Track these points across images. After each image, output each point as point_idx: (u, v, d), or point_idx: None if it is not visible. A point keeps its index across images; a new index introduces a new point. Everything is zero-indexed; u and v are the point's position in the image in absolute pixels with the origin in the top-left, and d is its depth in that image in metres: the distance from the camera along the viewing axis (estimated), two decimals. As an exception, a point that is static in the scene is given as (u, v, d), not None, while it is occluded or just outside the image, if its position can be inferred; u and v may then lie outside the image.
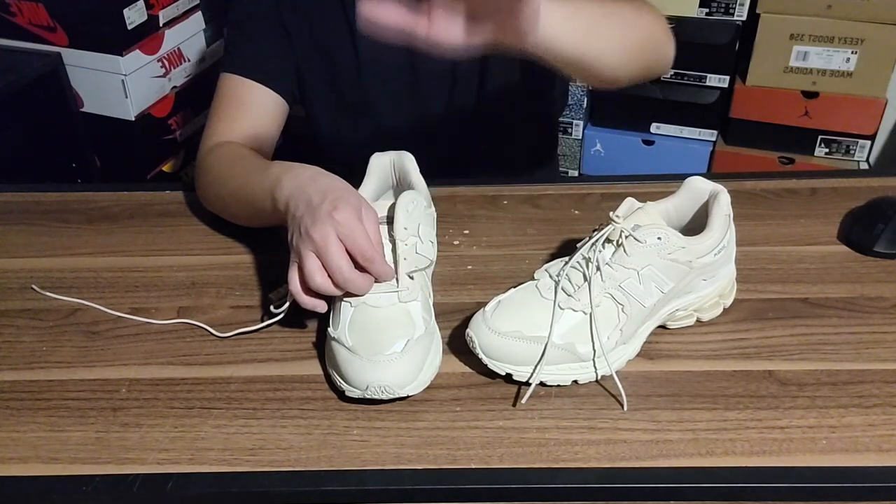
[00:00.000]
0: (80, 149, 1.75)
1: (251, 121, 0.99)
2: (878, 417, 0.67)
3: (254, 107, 0.99)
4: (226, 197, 0.91)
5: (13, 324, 0.81)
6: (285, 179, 0.77)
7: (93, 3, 1.62)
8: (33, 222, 0.98)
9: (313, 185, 0.74)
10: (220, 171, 0.91)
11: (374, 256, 0.69)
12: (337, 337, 0.70)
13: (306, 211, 0.71)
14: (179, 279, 0.86)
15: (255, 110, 0.99)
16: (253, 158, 0.92)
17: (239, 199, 0.88)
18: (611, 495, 0.63)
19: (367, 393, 0.67)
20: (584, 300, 0.70)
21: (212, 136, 0.97)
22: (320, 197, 0.71)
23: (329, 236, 0.68)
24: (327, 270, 0.69)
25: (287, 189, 0.76)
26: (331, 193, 0.71)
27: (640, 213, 0.71)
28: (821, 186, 0.98)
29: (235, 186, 0.88)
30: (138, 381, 0.73)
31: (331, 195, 0.71)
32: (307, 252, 0.69)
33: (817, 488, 0.62)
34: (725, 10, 1.88)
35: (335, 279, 0.69)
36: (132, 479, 0.64)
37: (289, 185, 0.76)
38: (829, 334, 0.75)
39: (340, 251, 0.68)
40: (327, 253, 0.68)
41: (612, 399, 0.70)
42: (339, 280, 0.69)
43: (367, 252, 0.69)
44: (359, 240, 0.69)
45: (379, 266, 0.70)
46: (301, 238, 0.70)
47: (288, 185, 0.76)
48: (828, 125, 1.94)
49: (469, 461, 0.64)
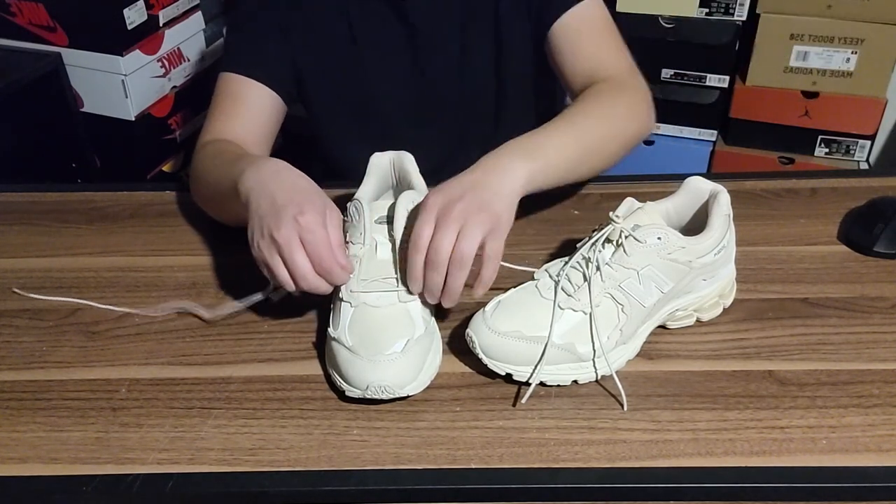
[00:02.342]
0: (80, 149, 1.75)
1: (247, 119, 0.99)
2: (878, 417, 0.67)
3: (250, 104, 0.99)
4: (205, 192, 0.91)
5: (13, 324, 0.81)
6: (248, 172, 0.76)
7: (93, 3, 1.62)
8: (33, 222, 0.98)
9: (276, 181, 0.74)
10: (204, 166, 0.91)
11: (332, 268, 0.70)
12: (337, 337, 0.70)
13: (270, 210, 0.71)
14: (179, 279, 0.86)
15: (252, 108, 0.99)
16: (232, 152, 0.91)
17: (214, 194, 0.88)
18: (611, 495, 0.63)
19: (367, 393, 0.67)
20: (583, 300, 0.70)
21: (206, 133, 0.97)
22: (285, 197, 0.71)
23: (293, 241, 0.69)
24: (290, 274, 0.70)
25: (248, 182, 0.75)
26: (296, 195, 0.71)
27: (639, 213, 0.71)
28: (821, 186, 0.98)
29: (212, 181, 0.88)
30: (138, 381, 0.73)
31: (296, 196, 0.71)
32: (272, 253, 0.70)
33: (817, 488, 0.62)
34: (725, 10, 1.87)
35: (298, 283, 0.70)
36: (132, 479, 0.64)
37: (251, 178, 0.76)
38: (829, 334, 0.75)
39: (304, 258, 0.69)
40: (292, 259, 0.69)
41: (612, 399, 0.70)
42: (302, 285, 0.70)
43: (325, 262, 0.69)
44: (320, 247, 0.69)
45: (336, 277, 0.71)
46: (264, 239, 0.71)
47: (250, 177, 0.76)
48: (828, 125, 1.93)
49: (469, 461, 0.64)
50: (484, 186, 0.72)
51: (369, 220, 0.75)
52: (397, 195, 0.76)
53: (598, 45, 0.99)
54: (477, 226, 0.69)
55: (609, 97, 0.92)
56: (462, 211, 0.69)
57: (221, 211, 0.90)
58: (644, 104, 0.95)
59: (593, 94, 0.92)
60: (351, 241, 0.75)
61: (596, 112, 0.89)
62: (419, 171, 0.82)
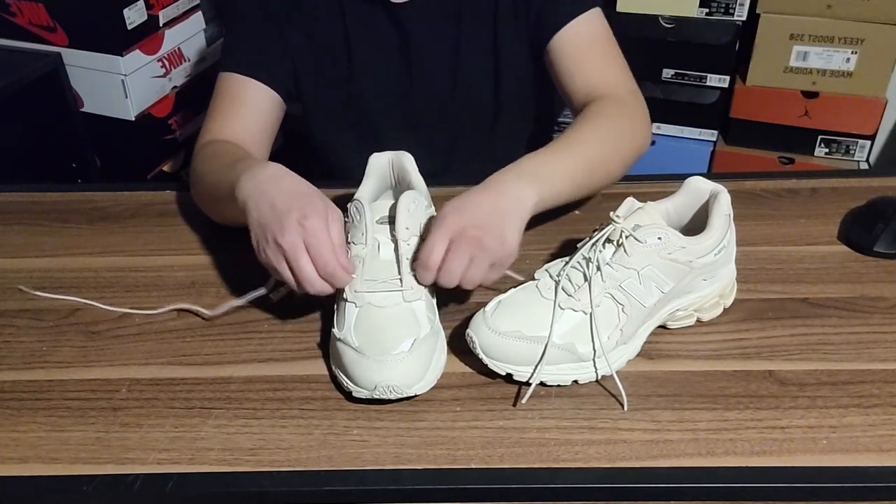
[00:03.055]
0: (80, 149, 1.75)
1: (247, 118, 0.99)
2: (879, 417, 0.67)
3: (249, 104, 0.99)
4: (203, 194, 0.91)
5: (13, 324, 0.81)
6: (244, 178, 0.76)
7: (93, 3, 1.61)
8: (33, 222, 0.98)
9: (275, 187, 0.74)
10: (203, 169, 0.91)
11: (335, 271, 0.70)
12: (342, 338, 0.70)
13: (271, 216, 0.71)
14: (179, 279, 0.86)
15: (251, 107, 0.99)
16: (230, 154, 0.91)
17: (211, 195, 0.88)
18: (611, 495, 0.63)
19: (374, 393, 0.67)
20: (584, 300, 0.70)
21: (205, 134, 0.97)
22: (286, 202, 0.71)
23: (297, 247, 0.69)
24: (296, 278, 0.71)
25: (245, 189, 0.75)
26: (297, 199, 0.72)
27: (640, 213, 0.71)
28: (821, 186, 0.98)
29: (210, 183, 0.88)
30: (138, 381, 0.73)
31: (297, 202, 0.71)
32: (279, 259, 0.71)
33: (817, 488, 0.62)
34: (725, 10, 1.87)
35: (305, 288, 0.71)
36: (132, 479, 0.64)
37: (247, 184, 0.76)
38: (829, 334, 0.75)
39: (309, 263, 0.70)
40: (297, 265, 0.70)
41: (613, 399, 0.70)
42: (307, 289, 0.71)
43: (329, 266, 0.70)
44: (324, 251, 0.70)
45: (339, 280, 0.71)
46: (268, 245, 0.71)
47: (247, 184, 0.76)
48: (828, 125, 1.93)
49: (469, 461, 0.64)
50: (500, 215, 0.74)
51: (371, 221, 0.75)
52: (397, 195, 0.76)
53: (597, 62, 0.99)
54: (488, 258, 0.72)
55: (610, 117, 0.92)
56: (478, 241, 0.71)
57: (220, 213, 0.90)
58: (644, 123, 0.97)
59: (594, 113, 0.92)
60: (353, 241, 0.75)
61: (599, 133, 0.90)
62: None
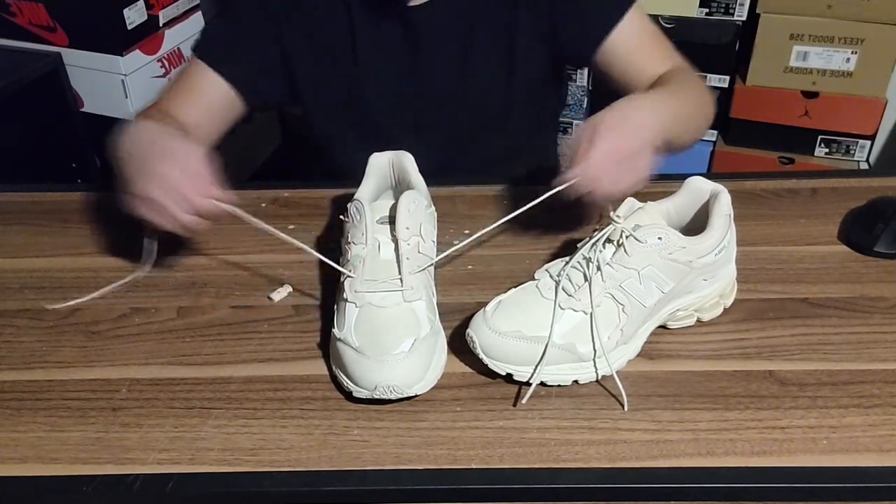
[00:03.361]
0: (80, 149, 1.75)
1: (199, 108, 0.99)
2: (879, 417, 0.67)
3: (205, 94, 1.00)
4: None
5: (13, 324, 0.81)
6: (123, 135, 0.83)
7: (93, 3, 1.62)
8: (33, 222, 0.98)
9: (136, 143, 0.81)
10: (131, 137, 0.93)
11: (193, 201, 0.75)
12: (343, 337, 0.70)
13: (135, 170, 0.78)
14: (179, 279, 0.86)
15: (205, 98, 1.00)
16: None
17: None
18: (611, 495, 0.63)
19: (375, 393, 0.67)
20: (584, 300, 0.70)
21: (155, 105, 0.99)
22: (142, 152, 0.79)
23: (154, 192, 0.75)
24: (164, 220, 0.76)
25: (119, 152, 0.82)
26: (153, 147, 0.79)
27: (640, 213, 0.71)
28: (821, 186, 0.98)
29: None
30: (138, 381, 0.73)
31: (153, 148, 0.79)
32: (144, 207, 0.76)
33: (818, 488, 0.62)
34: (725, 10, 1.88)
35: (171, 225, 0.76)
36: (132, 479, 0.64)
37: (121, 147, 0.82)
38: (830, 334, 0.75)
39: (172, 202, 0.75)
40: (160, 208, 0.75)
41: (613, 399, 0.70)
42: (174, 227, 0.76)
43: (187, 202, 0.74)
44: (180, 187, 0.74)
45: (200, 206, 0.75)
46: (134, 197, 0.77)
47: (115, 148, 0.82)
48: (828, 125, 1.93)
49: (469, 461, 0.64)
50: (642, 145, 0.79)
51: (371, 221, 0.75)
52: (397, 195, 0.76)
53: (653, 54, 1.01)
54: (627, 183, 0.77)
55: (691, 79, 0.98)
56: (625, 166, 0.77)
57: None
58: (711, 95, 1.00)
59: (677, 74, 0.97)
60: (353, 241, 0.75)
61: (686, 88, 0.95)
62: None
